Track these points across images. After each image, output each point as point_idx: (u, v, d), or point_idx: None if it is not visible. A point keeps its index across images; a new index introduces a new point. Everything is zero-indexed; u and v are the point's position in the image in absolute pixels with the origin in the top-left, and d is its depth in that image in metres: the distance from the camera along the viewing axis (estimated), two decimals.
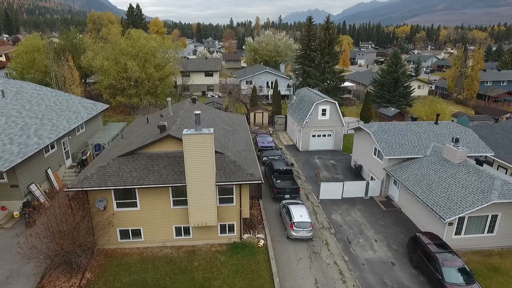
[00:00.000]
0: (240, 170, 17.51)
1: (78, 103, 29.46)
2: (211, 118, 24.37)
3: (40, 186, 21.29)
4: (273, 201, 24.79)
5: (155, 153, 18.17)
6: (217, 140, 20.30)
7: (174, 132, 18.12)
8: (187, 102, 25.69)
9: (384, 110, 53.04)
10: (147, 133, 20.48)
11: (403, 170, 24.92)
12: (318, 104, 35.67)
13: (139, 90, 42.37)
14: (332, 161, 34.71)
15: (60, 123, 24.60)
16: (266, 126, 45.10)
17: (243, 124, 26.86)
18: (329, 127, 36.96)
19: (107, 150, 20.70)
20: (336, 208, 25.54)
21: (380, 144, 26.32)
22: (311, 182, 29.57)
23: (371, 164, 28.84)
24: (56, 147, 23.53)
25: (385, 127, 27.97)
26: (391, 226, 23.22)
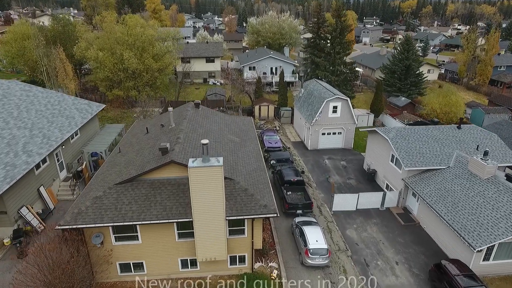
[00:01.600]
0: (253, 201, 15.66)
1: (72, 105, 27.17)
2: (217, 128, 22.23)
3: (32, 208, 19.53)
4: (284, 215, 23.13)
5: (156, 180, 16.24)
6: (225, 159, 18.29)
7: (177, 156, 16.10)
8: (189, 108, 23.45)
9: (395, 100, 50.59)
10: (147, 151, 18.45)
11: (424, 183, 23.08)
12: (329, 101, 33.34)
13: (137, 82, 39.77)
14: (343, 162, 32.84)
15: (51, 133, 22.47)
16: (271, 120, 42.87)
17: (250, 131, 24.73)
18: (340, 125, 34.81)
19: (103, 171, 18.73)
20: (351, 221, 23.94)
21: (399, 153, 24.33)
22: (323, 189, 27.84)
23: (387, 171, 26.98)
24: (48, 161, 21.56)
25: (404, 132, 25.86)
26: (410, 245, 21.68)
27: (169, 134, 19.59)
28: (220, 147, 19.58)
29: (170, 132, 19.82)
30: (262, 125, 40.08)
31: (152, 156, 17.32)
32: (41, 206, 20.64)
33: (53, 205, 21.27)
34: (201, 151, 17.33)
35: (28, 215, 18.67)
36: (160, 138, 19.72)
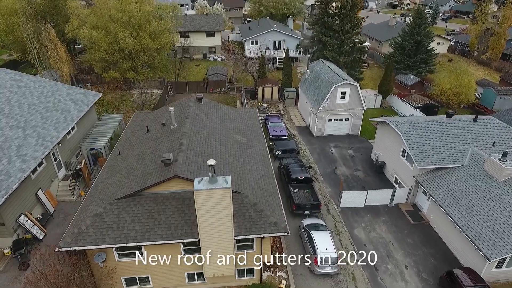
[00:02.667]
0: (262, 218, 14.85)
1: (66, 95, 25.64)
2: (221, 126, 20.96)
3: (31, 215, 18.81)
4: (291, 215, 22.51)
5: (160, 194, 15.33)
6: (231, 166, 17.28)
7: (181, 169, 15.05)
8: (191, 104, 22.02)
9: (403, 78, 48.61)
10: (149, 158, 17.37)
11: (437, 182, 22.22)
12: (337, 87, 31.67)
13: (134, 63, 37.71)
14: (350, 150, 31.85)
15: (46, 131, 21.24)
16: (275, 102, 41.27)
17: (256, 126, 23.47)
18: (348, 111, 33.39)
19: (102, 178, 17.75)
20: (359, 219, 23.41)
21: (412, 149, 23.25)
22: (329, 182, 27.09)
23: (397, 165, 26.05)
24: (45, 162, 20.54)
25: (418, 126, 24.58)
26: (420, 247, 21.27)
27: (171, 137, 18.40)
28: (225, 150, 18.48)
29: (172, 135, 18.62)
30: (265, 109, 38.60)
31: (154, 166, 16.27)
32: (40, 210, 19.94)
33: (53, 208, 20.57)
34: (206, 158, 16.37)
35: (27, 223, 17.98)
36: (161, 141, 18.56)
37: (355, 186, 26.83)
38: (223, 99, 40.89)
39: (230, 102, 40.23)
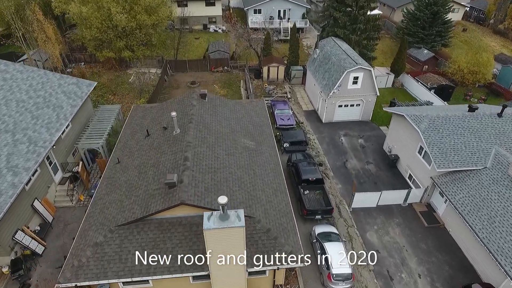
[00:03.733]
0: (276, 246, 13.75)
1: (58, 87, 23.55)
2: (228, 129, 19.26)
3: (28, 228, 17.74)
4: (302, 219, 21.52)
5: (165, 219, 14.10)
6: (241, 182, 15.90)
7: (187, 194, 13.68)
8: (194, 102, 20.13)
9: (416, 52, 45.72)
10: (151, 173, 15.93)
11: (456, 186, 20.98)
12: (350, 72, 29.38)
13: (129, 41, 34.87)
14: (361, 140, 30.31)
15: (38, 134, 19.54)
16: (281, 82, 38.93)
17: (265, 123, 21.79)
18: (360, 97, 31.36)
19: (101, 194, 16.41)
20: (371, 221, 22.51)
21: (432, 149, 21.74)
22: (340, 177, 25.89)
23: (412, 161, 24.67)
24: (39, 169, 19.09)
25: (438, 123, 22.83)
26: (434, 253, 20.53)
27: (174, 147, 16.82)
28: (234, 161, 16.99)
29: (175, 144, 17.01)
30: (271, 91, 36.42)
31: (156, 185, 14.88)
32: (38, 221, 18.85)
33: (51, 216, 19.48)
34: (213, 174, 14.99)
35: (25, 239, 16.97)
36: (163, 150, 17.00)
37: (366, 182, 25.67)
38: (225, 79, 38.55)
39: (233, 82, 37.93)
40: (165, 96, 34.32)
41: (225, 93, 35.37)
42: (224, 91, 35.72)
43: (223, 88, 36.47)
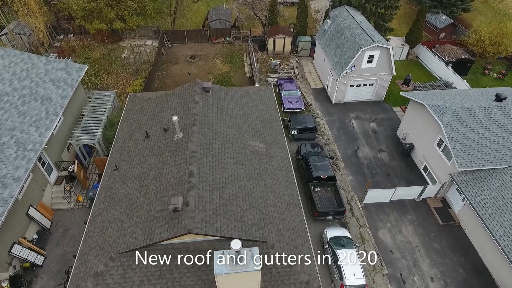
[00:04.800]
0: (292, 274, 12.78)
1: (45, 75, 21.30)
2: (235, 130, 17.51)
3: (25, 239, 16.75)
4: (312, 219, 20.56)
5: (170, 245, 12.98)
6: (253, 198, 14.59)
7: (194, 221, 12.42)
8: (197, 97, 18.14)
9: (433, 18, 42.15)
10: (153, 186, 14.53)
11: (477, 186, 19.74)
12: (365, 51, 26.79)
13: (119, 10, 31.57)
14: (373, 123, 28.58)
15: (27, 135, 17.79)
16: (288, 55, 36.11)
17: (274, 118, 19.96)
18: (374, 76, 29.03)
19: (99, 208, 15.13)
20: (384, 218, 21.64)
21: (454, 145, 20.18)
22: (351, 168, 24.60)
23: (429, 154, 23.22)
24: (31, 175, 17.63)
25: (462, 115, 21.02)
26: (448, 254, 19.88)
27: (176, 156, 15.25)
28: (243, 171, 15.53)
29: (178, 151, 15.42)
30: (277, 66, 33.82)
31: (160, 205, 13.57)
32: (35, 228, 17.83)
33: (49, 221, 18.43)
34: (222, 191, 13.69)
35: (23, 251, 16.05)
36: (165, 160, 15.45)
37: (378, 173, 24.44)
38: (228, 52, 35.68)
39: (236, 56, 35.13)
40: (163, 73, 31.86)
41: (227, 70, 32.84)
42: (226, 67, 33.15)
43: (226, 63, 33.82)
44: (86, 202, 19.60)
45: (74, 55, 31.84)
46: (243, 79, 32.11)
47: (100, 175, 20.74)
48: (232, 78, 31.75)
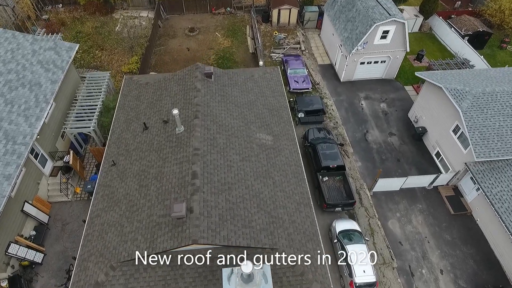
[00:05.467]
0: (303, 283, 12.13)
1: (32, 56, 19.56)
2: (240, 120, 16.21)
3: (22, 236, 16.04)
4: (319, 209, 19.83)
5: (174, 253, 12.21)
6: (261, 199, 13.66)
7: (199, 230, 11.56)
8: (199, 84, 16.65)
9: None
10: (153, 187, 13.54)
11: (494, 177, 18.79)
12: (379, 26, 24.71)
13: None
14: (384, 104, 27.14)
15: (16, 126, 16.48)
16: (293, 27, 33.76)
17: (282, 106, 18.56)
18: (387, 53, 27.10)
19: (97, 209, 14.22)
20: (393, 207, 20.95)
21: (473, 133, 18.98)
22: (360, 153, 23.55)
23: (443, 139, 22.06)
24: (24, 169, 16.57)
25: (483, 101, 19.60)
26: (459, 245, 19.38)
27: (178, 152, 14.12)
28: (249, 169, 14.47)
29: (179, 147, 14.27)
30: (282, 40, 31.66)
31: (161, 210, 12.65)
32: (33, 224, 17.07)
33: (47, 215, 17.66)
34: (228, 192, 12.77)
35: (20, 250, 15.39)
36: (166, 156, 14.33)
37: (388, 159, 23.44)
38: (229, 24, 33.30)
39: (238, 29, 32.81)
40: (161, 48, 29.81)
41: (229, 45, 30.74)
42: (228, 42, 31.01)
43: (227, 37, 31.60)
44: (85, 194, 18.74)
45: (64, 29, 29.61)
46: (246, 55, 30.13)
47: (97, 165, 19.71)
48: (234, 54, 29.77)
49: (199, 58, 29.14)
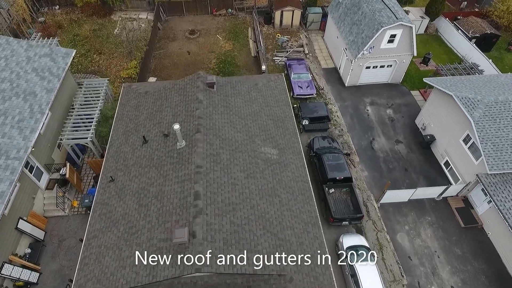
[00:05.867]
0: None
1: (27, 63, 18.76)
2: (244, 134, 15.48)
3: (17, 255, 15.35)
4: (326, 222, 19.11)
5: (176, 279, 11.52)
6: (267, 220, 12.96)
7: (202, 259, 10.87)
8: (201, 94, 15.90)
9: None
10: (153, 210, 12.84)
11: (508, 190, 18.09)
12: (386, 30, 23.91)
13: None
14: (390, 110, 26.39)
15: (9, 140, 15.73)
16: (296, 29, 32.92)
17: (288, 117, 17.82)
18: (393, 57, 26.32)
19: (95, 232, 13.52)
20: (401, 220, 20.28)
21: (486, 145, 18.26)
22: (366, 162, 22.83)
23: (453, 149, 21.35)
24: (18, 184, 15.84)
25: (496, 110, 18.86)
26: (469, 260, 18.72)
27: (179, 170, 13.41)
28: (255, 187, 13.77)
29: (180, 164, 13.55)
30: (284, 43, 30.84)
31: (162, 233, 11.95)
32: (28, 241, 16.37)
33: (42, 231, 16.96)
34: (233, 214, 12.09)
35: (14, 270, 14.71)
36: (167, 174, 13.62)
37: (396, 168, 22.73)
38: (230, 26, 32.44)
39: (240, 31, 31.97)
40: (161, 52, 28.99)
41: (231, 48, 29.91)
42: (229, 45, 30.17)
43: (228, 39, 30.76)
44: (82, 209, 18.03)
45: (61, 31, 28.75)
46: (248, 58, 29.32)
47: (95, 177, 19.00)
48: (236, 58, 28.96)
49: (200, 62, 28.33)
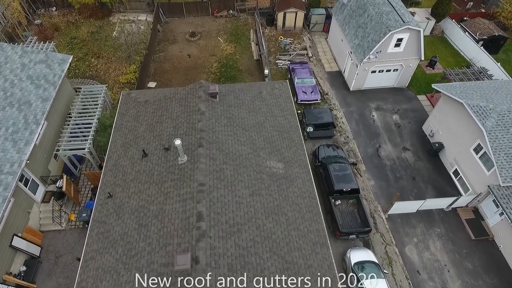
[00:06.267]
0: None
1: (21, 71, 18.00)
2: (249, 147, 14.80)
3: (11, 274, 14.70)
4: (332, 236, 18.47)
5: None
6: (274, 241, 12.31)
7: (205, 285, 10.22)
8: (203, 105, 15.19)
9: None
10: (153, 231, 12.18)
11: None
12: (394, 34, 23.15)
13: None
14: (396, 116, 25.69)
15: (3, 153, 14.95)
16: (299, 31, 32.14)
17: (293, 127, 17.14)
18: (400, 61, 25.59)
19: (92, 253, 12.86)
20: (410, 231, 19.64)
21: (498, 156, 17.60)
22: (373, 171, 22.16)
23: (463, 158, 20.67)
24: (12, 199, 15.17)
25: (509, 119, 18.16)
26: (480, 274, 18.11)
27: (181, 188, 12.73)
28: (260, 205, 13.10)
29: (182, 181, 12.88)
30: (287, 46, 30.07)
31: (163, 257, 11.29)
32: (23, 258, 15.70)
33: (38, 247, 16.30)
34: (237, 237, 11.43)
35: None
36: (168, 191, 12.95)
37: (403, 177, 22.07)
38: (232, 28, 31.65)
39: (241, 34, 31.18)
40: (160, 55, 28.23)
41: (232, 51, 29.14)
42: (231, 48, 29.40)
43: (230, 42, 29.98)
44: (80, 222, 17.37)
45: (58, 34, 27.96)
46: (250, 62, 28.57)
47: (93, 188, 18.33)
48: (238, 62, 28.20)
49: (200, 66, 27.58)
